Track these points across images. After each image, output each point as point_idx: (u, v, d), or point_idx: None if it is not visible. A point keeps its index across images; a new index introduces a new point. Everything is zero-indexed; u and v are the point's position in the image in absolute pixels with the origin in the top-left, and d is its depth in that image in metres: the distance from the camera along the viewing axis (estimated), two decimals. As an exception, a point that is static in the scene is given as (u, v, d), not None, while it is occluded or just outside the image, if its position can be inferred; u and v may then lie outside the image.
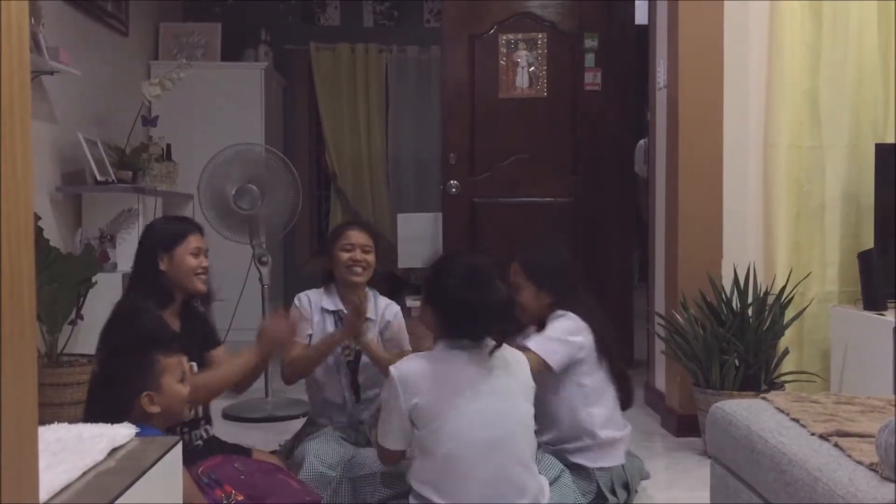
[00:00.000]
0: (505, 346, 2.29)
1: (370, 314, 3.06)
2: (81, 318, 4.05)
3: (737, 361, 3.15)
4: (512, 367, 2.25)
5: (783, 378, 3.27)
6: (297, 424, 3.60)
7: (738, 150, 3.59)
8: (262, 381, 4.16)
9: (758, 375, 3.17)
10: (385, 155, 7.01)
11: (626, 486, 2.60)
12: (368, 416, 3.02)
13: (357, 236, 2.99)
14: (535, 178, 4.98)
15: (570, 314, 2.56)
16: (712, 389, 3.17)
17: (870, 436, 1.57)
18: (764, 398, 2.04)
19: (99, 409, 2.10)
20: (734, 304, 3.29)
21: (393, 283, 5.96)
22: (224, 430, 3.72)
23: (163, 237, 2.63)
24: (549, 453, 2.51)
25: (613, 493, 2.53)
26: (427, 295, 2.31)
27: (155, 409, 2.10)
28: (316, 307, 3.03)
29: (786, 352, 3.28)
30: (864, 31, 3.53)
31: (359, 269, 2.97)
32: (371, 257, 2.99)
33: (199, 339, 2.74)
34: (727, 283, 3.44)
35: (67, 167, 4.77)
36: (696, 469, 3.15)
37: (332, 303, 3.04)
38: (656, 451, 3.39)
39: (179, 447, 1.26)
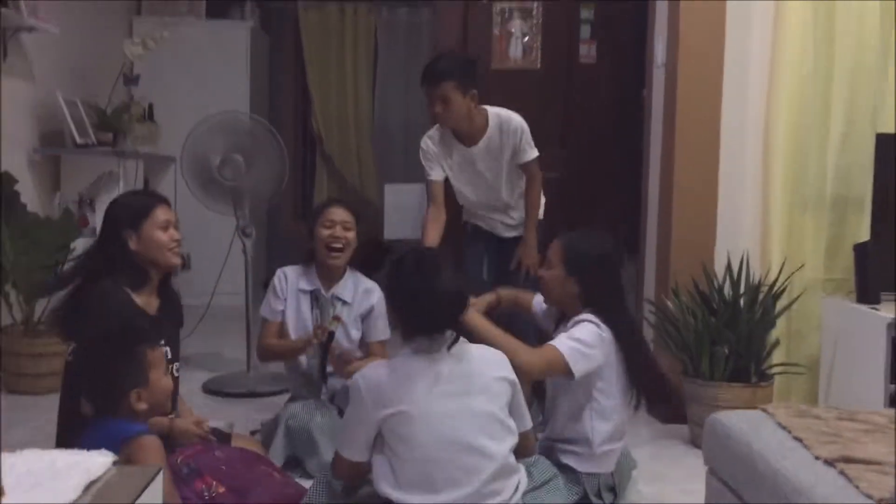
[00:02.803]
0: (475, 345, 2.23)
1: (348, 298, 3.01)
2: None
3: (727, 351, 3.11)
4: (479, 364, 2.17)
5: (773, 370, 3.24)
6: (278, 400, 3.54)
7: (736, 134, 3.52)
8: (244, 354, 4.10)
9: (748, 366, 3.13)
10: (372, 119, 6.88)
11: (613, 490, 2.55)
12: (341, 389, 2.97)
13: (338, 213, 2.96)
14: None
15: (601, 324, 2.41)
16: (701, 380, 3.13)
17: (876, 462, 1.53)
18: (764, 410, 1.99)
19: (82, 406, 2.05)
20: (726, 294, 3.24)
21: (377, 252, 5.89)
22: (204, 404, 3.67)
23: (127, 215, 2.53)
24: (541, 449, 2.45)
25: (599, 496, 2.48)
26: (386, 296, 2.27)
27: (142, 406, 2.05)
28: (293, 287, 3.00)
29: (776, 343, 3.24)
30: (867, 17, 3.44)
31: (338, 248, 2.94)
32: (351, 234, 2.97)
33: (176, 321, 2.67)
34: (720, 268, 3.39)
35: (46, 127, 4.64)
36: (683, 459, 3.12)
37: (308, 283, 3.02)
38: (642, 438, 3.35)
39: (160, 477, 1.19)
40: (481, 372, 2.16)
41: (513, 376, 2.20)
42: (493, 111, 3.29)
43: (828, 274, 3.47)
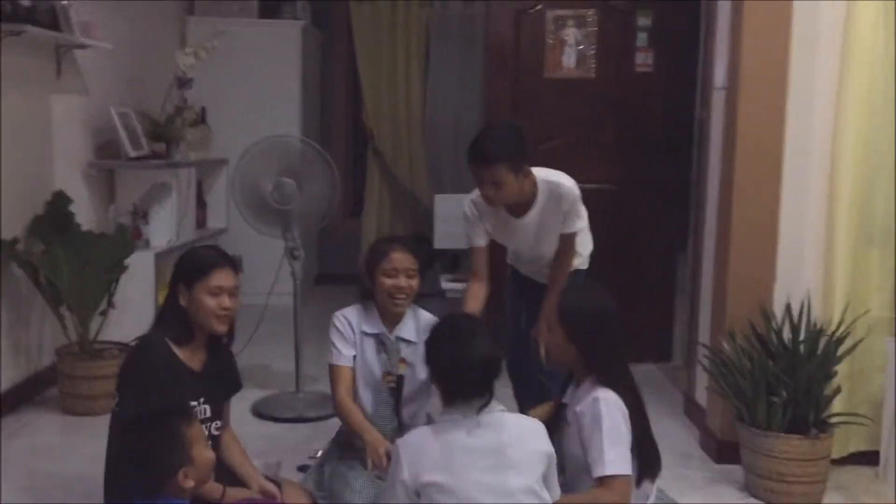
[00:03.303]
0: (513, 415, 2.26)
1: (412, 337, 2.95)
2: (113, 306, 4.01)
3: (785, 398, 3.01)
4: (517, 435, 2.18)
5: (833, 419, 3.13)
6: (329, 427, 3.53)
7: (800, 165, 3.37)
8: (293, 367, 4.10)
9: (806, 415, 3.03)
10: (423, 116, 6.81)
11: None
12: None
13: (402, 260, 2.84)
14: (577, 164, 4.71)
15: (613, 397, 2.38)
16: (757, 429, 3.04)
17: None
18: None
19: (131, 488, 2.07)
20: (785, 339, 3.13)
21: (427, 252, 5.84)
22: (253, 430, 3.68)
23: (185, 270, 2.53)
24: None
25: None
26: (426, 361, 2.31)
27: (190, 484, 2.06)
28: (356, 330, 2.92)
29: (837, 390, 3.13)
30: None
31: (401, 298, 2.87)
32: (415, 282, 2.87)
33: (223, 378, 2.66)
34: (778, 308, 3.28)
35: (100, 138, 4.68)
36: (736, 510, 3.05)
37: (372, 326, 2.92)
38: (694, 482, 3.27)
39: None
40: (519, 445, 2.18)
41: (550, 448, 2.22)
42: (542, 178, 3.08)
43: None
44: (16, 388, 3.85)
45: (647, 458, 2.44)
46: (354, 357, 2.90)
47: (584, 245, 3.28)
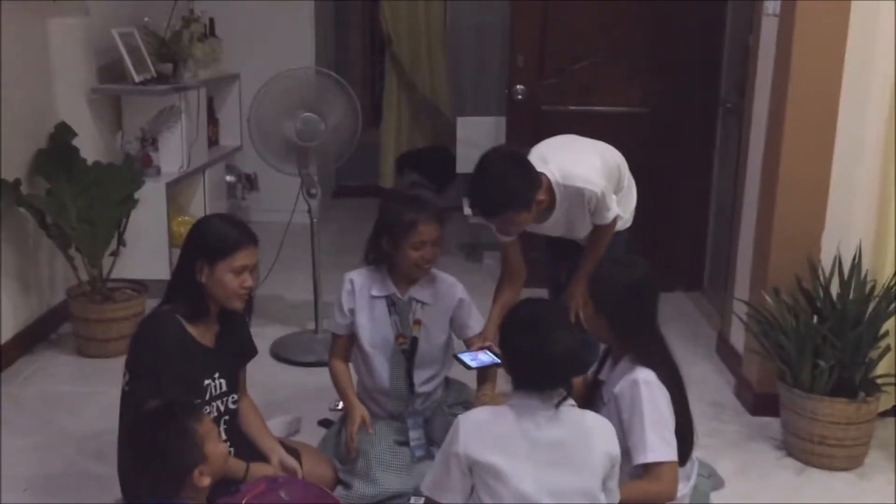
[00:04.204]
0: (586, 412, 2.13)
1: (428, 299, 2.82)
2: (124, 244, 3.87)
3: (832, 362, 2.84)
4: (586, 436, 2.06)
5: (879, 380, 2.97)
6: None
7: (858, 104, 3.10)
8: (312, 313, 3.96)
9: (852, 377, 2.88)
10: (444, 21, 6.45)
11: None
12: (422, 408, 2.84)
13: (430, 231, 2.69)
14: (608, 85, 4.51)
15: (654, 379, 2.26)
16: (800, 390, 2.89)
17: None
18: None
19: (146, 487, 1.97)
20: (833, 294, 2.94)
21: (447, 164, 5.61)
22: (271, 375, 3.58)
23: (207, 246, 2.36)
24: None
25: None
26: (500, 345, 2.19)
27: (206, 482, 1.96)
28: (363, 294, 2.80)
29: (887, 349, 2.96)
30: None
31: (427, 267, 2.76)
32: (439, 249, 2.75)
33: (238, 348, 2.53)
34: (826, 258, 3.08)
35: (104, 60, 4.44)
36: (773, 473, 2.92)
37: (381, 288, 2.80)
38: (728, 438, 3.14)
39: None
40: (586, 445, 2.05)
41: (616, 451, 2.09)
42: (559, 183, 2.82)
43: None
44: (29, 329, 3.75)
45: (684, 440, 2.32)
46: (351, 324, 2.81)
47: (626, 207, 3.07)
